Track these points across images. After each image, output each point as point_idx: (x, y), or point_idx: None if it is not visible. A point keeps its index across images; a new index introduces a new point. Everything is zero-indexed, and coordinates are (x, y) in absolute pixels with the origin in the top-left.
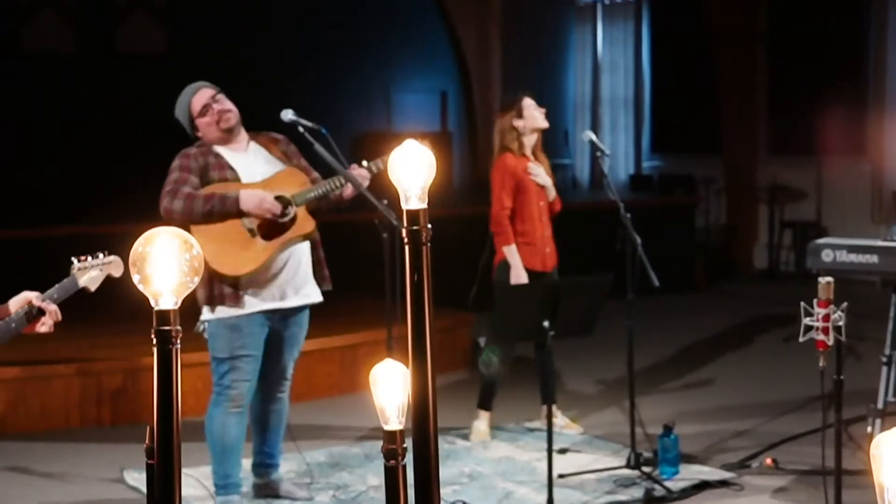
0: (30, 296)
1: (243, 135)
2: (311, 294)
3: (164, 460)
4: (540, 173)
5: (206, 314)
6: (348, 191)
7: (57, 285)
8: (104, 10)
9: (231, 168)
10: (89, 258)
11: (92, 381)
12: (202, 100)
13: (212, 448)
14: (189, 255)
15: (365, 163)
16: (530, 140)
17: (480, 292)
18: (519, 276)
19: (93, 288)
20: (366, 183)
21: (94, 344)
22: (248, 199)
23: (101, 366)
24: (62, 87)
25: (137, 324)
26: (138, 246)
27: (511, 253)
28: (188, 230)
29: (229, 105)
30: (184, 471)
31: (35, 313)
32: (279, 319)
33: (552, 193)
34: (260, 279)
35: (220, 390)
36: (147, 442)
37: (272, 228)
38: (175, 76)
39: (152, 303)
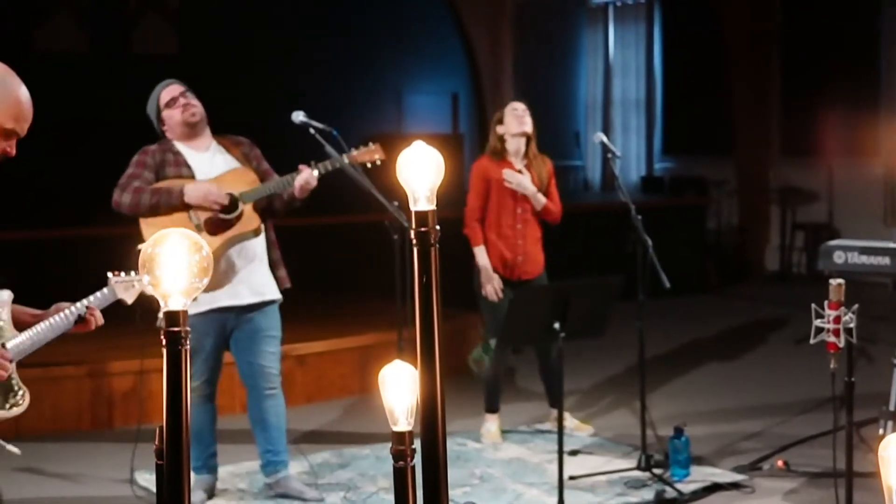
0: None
1: (207, 135)
2: (267, 292)
3: (173, 461)
4: (516, 180)
5: None
6: (297, 191)
7: (99, 293)
8: (117, 11)
9: (188, 166)
10: (123, 274)
11: (103, 383)
12: (171, 93)
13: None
14: (199, 256)
15: (313, 163)
16: (513, 145)
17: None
18: (487, 277)
19: (129, 301)
20: (314, 182)
21: (105, 346)
22: (192, 192)
23: (111, 367)
24: (74, 88)
25: (147, 325)
26: (148, 247)
27: (479, 254)
28: (138, 223)
29: (196, 102)
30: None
31: (84, 316)
32: (236, 317)
33: (539, 201)
34: (216, 280)
35: None
36: (156, 443)
37: (218, 225)
38: (187, 78)
39: (162, 304)
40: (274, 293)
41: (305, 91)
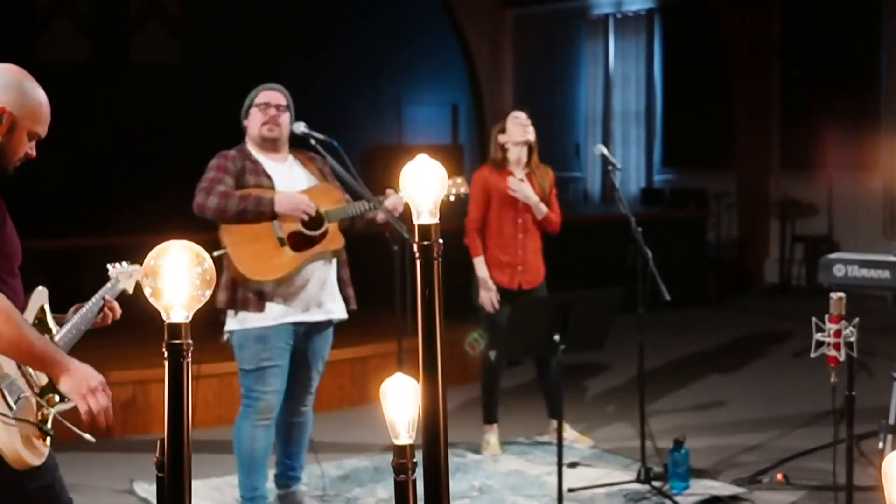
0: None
1: (285, 151)
2: (335, 310)
3: (174, 473)
4: (521, 189)
5: (231, 324)
6: (380, 214)
7: (108, 285)
8: (119, 20)
9: (267, 175)
10: (124, 263)
11: None
12: (268, 98)
13: (239, 460)
14: (201, 268)
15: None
16: (515, 154)
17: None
18: (486, 288)
19: (130, 290)
20: (401, 208)
21: (105, 355)
22: (283, 201)
23: (111, 377)
24: (76, 97)
25: (147, 335)
26: (150, 259)
27: (477, 265)
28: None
29: (282, 122)
30: (193, 482)
31: (102, 309)
32: (303, 333)
33: (541, 210)
34: (285, 291)
35: (248, 402)
36: (157, 455)
37: (302, 241)
38: (188, 87)
39: (164, 316)
40: (341, 313)
41: (306, 101)
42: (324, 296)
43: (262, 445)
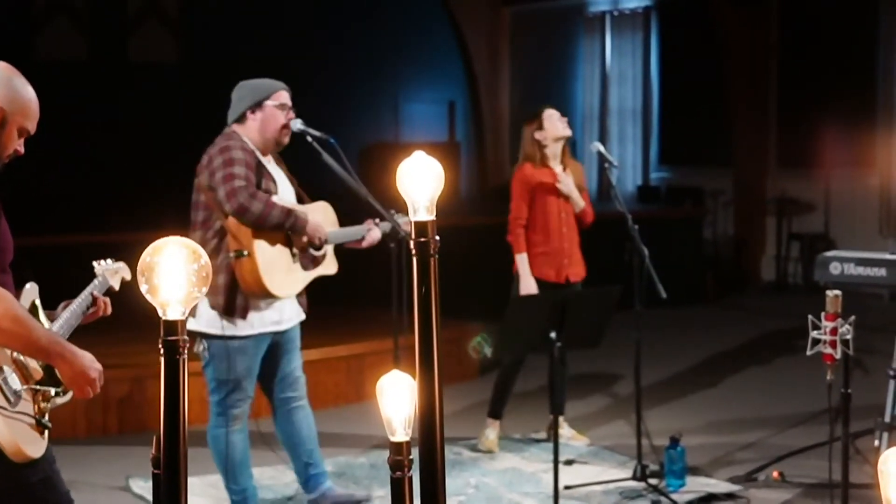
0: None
1: None
2: (294, 317)
3: (170, 470)
4: (567, 183)
5: (215, 329)
6: (365, 242)
7: (95, 281)
8: (117, 18)
9: (273, 180)
10: (109, 261)
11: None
12: (287, 99)
13: (222, 467)
14: (197, 265)
15: (378, 221)
16: (553, 150)
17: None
18: (527, 285)
19: (116, 287)
20: (378, 238)
21: (100, 352)
22: (313, 230)
23: (107, 373)
24: (74, 96)
25: (143, 332)
26: (146, 256)
27: (521, 262)
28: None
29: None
30: (190, 479)
31: (91, 305)
32: (273, 339)
33: (580, 204)
34: (268, 303)
35: (221, 410)
36: (154, 451)
37: (309, 260)
38: (186, 86)
39: (160, 313)
40: (299, 317)
41: (303, 99)
42: (288, 304)
43: (241, 448)
